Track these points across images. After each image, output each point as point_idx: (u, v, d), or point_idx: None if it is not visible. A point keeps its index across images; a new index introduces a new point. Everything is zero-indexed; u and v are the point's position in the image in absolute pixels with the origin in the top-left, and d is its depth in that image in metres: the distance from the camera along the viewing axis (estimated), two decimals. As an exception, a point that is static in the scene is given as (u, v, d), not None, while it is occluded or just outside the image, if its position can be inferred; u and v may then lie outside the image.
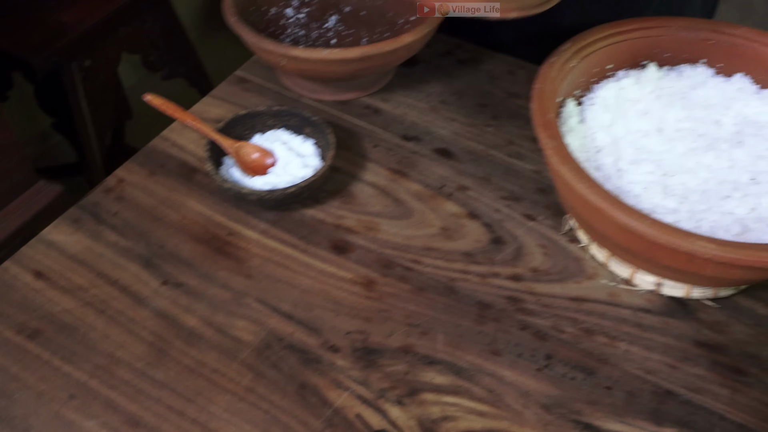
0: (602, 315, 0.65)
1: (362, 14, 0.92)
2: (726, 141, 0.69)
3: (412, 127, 0.83)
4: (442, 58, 0.92)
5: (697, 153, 0.68)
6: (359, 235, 0.71)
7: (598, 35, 0.71)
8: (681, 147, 0.69)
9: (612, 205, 0.55)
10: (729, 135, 0.70)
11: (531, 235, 0.71)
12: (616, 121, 0.72)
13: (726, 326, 0.64)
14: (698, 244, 0.53)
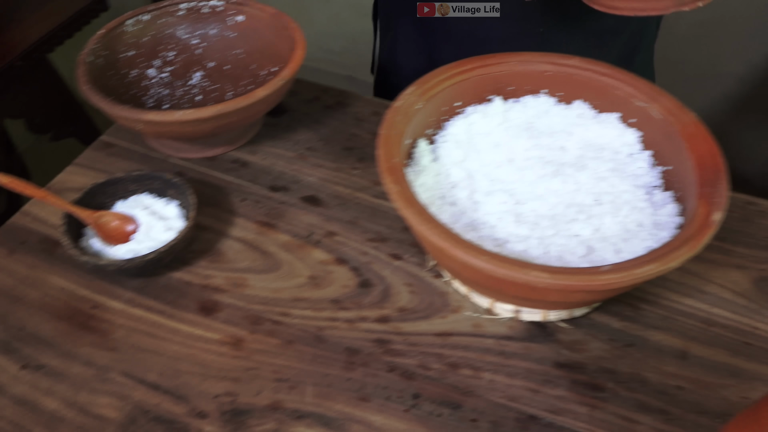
0: (467, 347, 0.66)
1: (226, 68, 0.93)
2: (571, 165, 0.72)
3: (280, 177, 0.83)
4: (309, 104, 0.94)
5: (545, 179, 0.71)
6: (227, 293, 0.71)
7: (441, 76, 0.74)
8: (531, 175, 0.72)
9: (452, 244, 0.57)
10: (573, 159, 0.73)
11: (398, 275, 0.73)
12: (469, 155, 0.75)
13: (583, 344, 0.67)
14: (533, 274, 0.55)
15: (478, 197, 0.71)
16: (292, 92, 0.95)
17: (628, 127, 0.74)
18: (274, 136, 0.89)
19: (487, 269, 0.56)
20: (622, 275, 0.54)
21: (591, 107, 0.77)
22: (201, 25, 0.92)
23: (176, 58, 0.92)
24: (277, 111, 0.91)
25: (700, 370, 0.65)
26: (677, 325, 0.68)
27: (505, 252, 0.65)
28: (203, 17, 0.92)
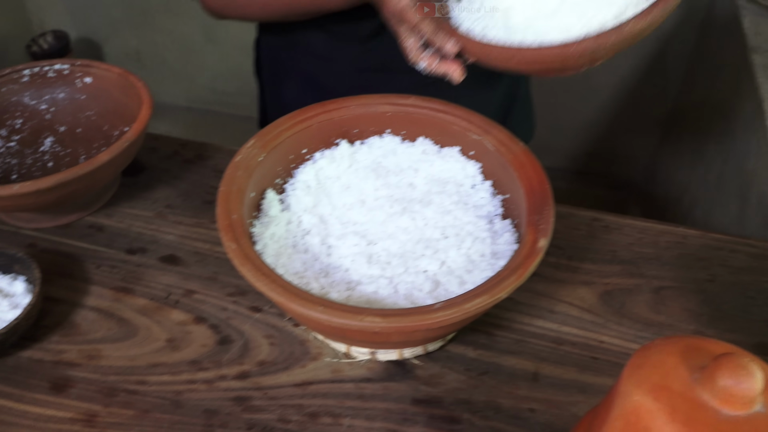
0: (326, 395, 0.67)
1: (78, 132, 0.91)
2: (419, 202, 0.74)
3: (138, 238, 0.82)
4: (168, 160, 0.93)
5: (395, 218, 0.72)
6: (81, 367, 0.69)
7: (282, 126, 0.75)
8: (381, 215, 0.73)
9: (288, 298, 0.57)
10: (421, 195, 0.75)
11: (258, 328, 0.73)
12: (320, 201, 0.75)
13: (440, 378, 0.68)
14: (367, 320, 0.56)
15: (331, 241, 0.71)
16: (150, 149, 0.94)
17: (469, 159, 0.77)
18: (131, 196, 0.87)
19: (323, 319, 0.56)
20: (452, 311, 0.56)
21: (434, 143, 0.79)
22: (48, 90, 0.90)
23: (24, 126, 0.90)
24: (134, 170, 0.90)
25: (551, 390, 0.67)
26: (529, 347, 0.71)
27: (356, 295, 0.66)
28: (50, 81, 0.90)
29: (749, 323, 0.73)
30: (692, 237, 0.82)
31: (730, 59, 1.49)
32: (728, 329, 0.72)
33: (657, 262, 0.79)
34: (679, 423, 0.38)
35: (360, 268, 0.68)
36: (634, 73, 2.02)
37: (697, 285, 0.77)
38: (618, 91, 2.08)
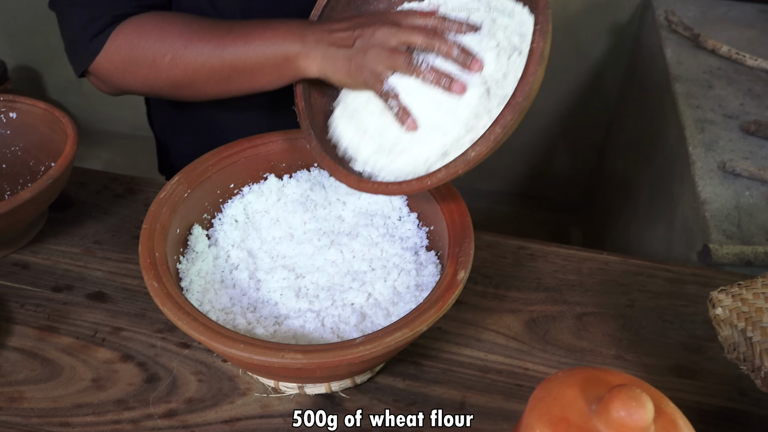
0: (255, 430, 0.67)
1: (4, 168, 0.90)
2: (347, 234, 0.75)
3: (64, 275, 0.81)
4: (97, 195, 0.92)
5: (323, 251, 0.73)
6: (2, 410, 0.68)
7: (208, 162, 0.75)
8: (310, 248, 0.74)
9: (209, 337, 0.57)
10: (349, 228, 0.76)
11: (186, 365, 0.72)
12: (249, 235, 0.76)
13: (369, 410, 0.69)
14: (288, 356, 0.56)
15: (260, 275, 0.72)
16: (79, 183, 0.94)
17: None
18: (58, 233, 0.86)
19: (245, 357, 0.57)
20: (373, 346, 0.57)
21: (361, 176, 0.80)
22: (-29, 126, 0.89)
23: (-54, 162, 0.88)
24: (61, 205, 0.89)
25: (477, 419, 0.68)
26: (456, 377, 0.72)
27: (283, 329, 0.67)
28: (-28, 117, 0.88)
29: (666, 347, 0.76)
30: (613, 263, 0.85)
31: (655, 87, 1.55)
32: (646, 353, 0.75)
33: (580, 288, 0.82)
34: (577, 454, 0.40)
35: (288, 302, 0.69)
36: (571, 97, 2.08)
37: (618, 310, 0.79)
38: (556, 114, 2.14)
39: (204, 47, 0.75)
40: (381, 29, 0.67)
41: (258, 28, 0.74)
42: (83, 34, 0.79)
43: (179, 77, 0.78)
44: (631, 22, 1.86)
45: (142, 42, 0.77)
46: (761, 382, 0.57)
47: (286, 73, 0.74)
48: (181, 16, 0.80)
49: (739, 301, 0.60)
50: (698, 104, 1.36)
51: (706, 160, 1.22)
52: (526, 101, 0.57)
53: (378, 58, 0.67)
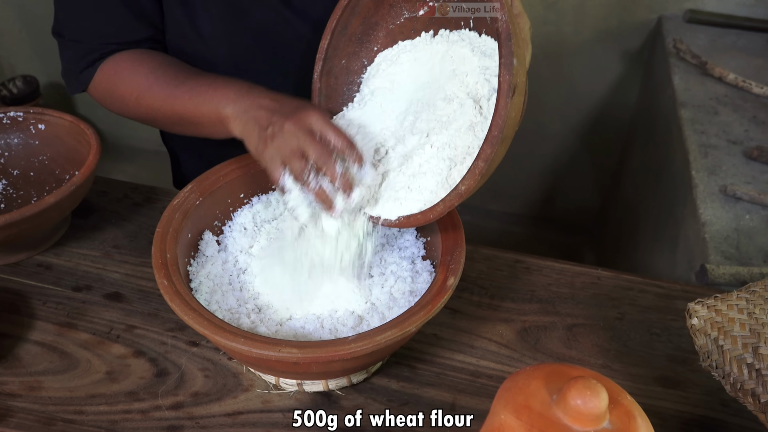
0: (255, 424, 0.71)
1: (31, 175, 0.96)
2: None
3: (84, 276, 0.86)
4: (118, 203, 0.98)
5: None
6: (21, 398, 0.72)
7: (221, 172, 0.80)
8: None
9: (213, 331, 0.62)
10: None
11: (194, 361, 0.77)
12: (256, 241, 0.81)
13: (363, 408, 0.72)
14: (284, 350, 0.60)
15: (266, 279, 0.76)
16: (101, 192, 0.99)
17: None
18: (80, 237, 0.92)
19: (245, 350, 0.61)
20: (364, 343, 0.61)
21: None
22: (3, 135, 0.95)
23: (-21, 170, 0.94)
24: (84, 211, 0.95)
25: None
26: (448, 380, 0.76)
27: (284, 329, 0.71)
28: (5, 128, 0.95)
29: (653, 358, 0.79)
30: (606, 278, 0.88)
31: (663, 113, 1.58)
32: (633, 363, 0.78)
33: (572, 301, 0.85)
34: (537, 438, 0.43)
35: (291, 306, 0.73)
36: (584, 122, 2.12)
37: (607, 322, 0.82)
38: (569, 140, 2.17)
39: (160, 93, 0.83)
40: (291, 127, 0.69)
41: (204, 84, 0.80)
42: (76, 66, 0.88)
43: (143, 115, 0.87)
44: (642, 49, 1.90)
45: (117, 79, 0.86)
46: (730, 387, 0.60)
47: (219, 130, 0.79)
48: (155, 59, 0.87)
49: (713, 311, 0.64)
50: (703, 130, 1.39)
51: (709, 183, 1.25)
52: (501, 133, 0.60)
53: (279, 151, 0.70)
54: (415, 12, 0.77)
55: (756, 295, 0.64)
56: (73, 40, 0.87)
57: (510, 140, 0.63)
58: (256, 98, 0.76)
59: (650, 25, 1.86)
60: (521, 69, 0.60)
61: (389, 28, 0.79)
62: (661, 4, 1.82)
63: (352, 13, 0.77)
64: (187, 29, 0.88)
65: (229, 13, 0.87)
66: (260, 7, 0.88)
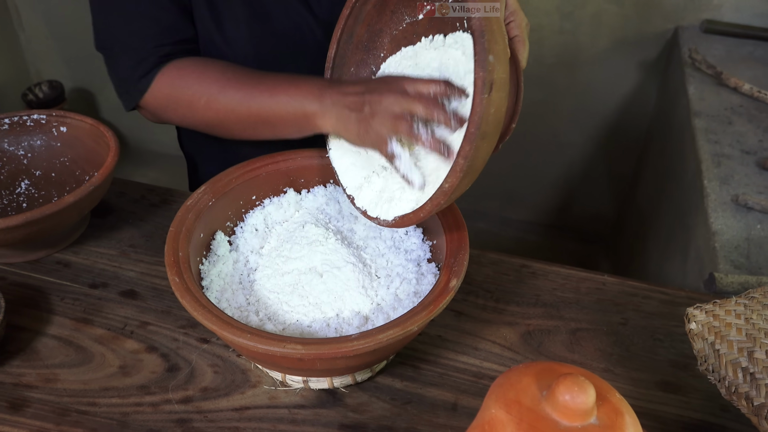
0: (261, 419, 0.73)
1: (53, 176, 0.99)
2: (357, 245, 0.81)
3: (101, 274, 0.89)
4: (135, 203, 1.01)
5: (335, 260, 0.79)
6: (38, 389, 0.75)
7: (233, 175, 0.82)
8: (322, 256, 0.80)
9: (220, 327, 0.64)
10: (359, 239, 0.82)
11: (204, 357, 0.79)
12: (267, 242, 0.83)
13: (367, 406, 0.74)
14: (289, 347, 0.62)
15: (275, 279, 0.78)
16: (119, 193, 1.02)
17: (404, 208, 0.84)
18: (98, 236, 0.95)
19: (251, 345, 0.63)
20: (366, 341, 0.63)
21: (372, 192, 0.86)
22: (26, 137, 0.98)
23: (2, 169, 0.97)
24: (102, 211, 0.98)
25: (468, 420, 0.72)
26: (451, 380, 0.77)
27: (291, 328, 0.73)
28: (28, 129, 0.98)
29: (655, 363, 0.79)
30: (611, 284, 0.89)
31: (678, 123, 1.59)
32: (635, 368, 0.79)
33: (576, 305, 0.86)
34: None
35: (298, 305, 0.75)
36: (601, 131, 2.12)
37: (611, 327, 0.83)
38: (585, 148, 2.18)
39: (235, 94, 0.83)
40: (388, 97, 0.71)
41: (283, 83, 0.81)
42: (132, 74, 0.88)
43: (212, 119, 0.87)
44: (659, 59, 1.90)
45: (183, 84, 0.86)
46: (725, 391, 0.61)
47: (305, 128, 0.80)
48: (219, 63, 0.88)
49: (711, 316, 0.65)
50: (717, 139, 1.39)
51: (721, 193, 1.25)
52: (479, 130, 0.61)
53: (383, 124, 0.72)
54: (416, 16, 0.79)
55: (755, 301, 0.65)
56: (124, 50, 0.88)
57: (494, 136, 0.64)
58: (339, 89, 0.77)
59: (667, 35, 1.87)
60: (499, 65, 0.61)
61: (393, 34, 0.81)
62: (679, 14, 1.82)
63: (356, 21, 0.79)
64: (213, 31, 0.90)
65: (253, 16, 0.89)
66: (283, 12, 0.90)
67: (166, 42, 0.88)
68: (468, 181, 0.65)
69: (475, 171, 0.65)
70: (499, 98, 0.62)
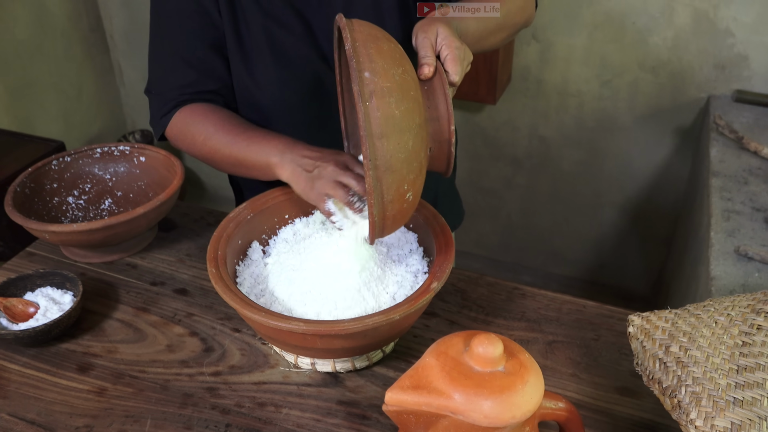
0: (275, 392, 0.88)
1: (131, 196, 1.20)
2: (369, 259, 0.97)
3: (161, 275, 1.08)
4: (195, 222, 1.20)
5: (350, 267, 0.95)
6: (102, 357, 0.94)
7: (269, 196, 1.01)
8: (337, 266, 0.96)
9: (242, 306, 0.81)
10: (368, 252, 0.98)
11: (235, 343, 0.96)
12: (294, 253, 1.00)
13: (363, 388, 0.89)
14: (293, 323, 0.78)
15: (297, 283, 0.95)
16: (183, 213, 1.22)
17: (409, 231, 1.00)
18: (162, 246, 1.14)
19: (263, 321, 0.79)
20: (354, 323, 0.78)
21: (384, 216, 1.03)
22: (112, 164, 1.20)
23: (91, 189, 1.19)
24: (168, 227, 1.18)
25: (445, 404, 0.86)
26: (436, 374, 0.91)
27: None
28: (114, 158, 1.20)
29: (618, 372, 0.91)
30: (591, 307, 1.01)
31: (701, 183, 1.69)
32: (599, 375, 0.90)
33: (556, 322, 0.99)
34: (446, 374, 0.59)
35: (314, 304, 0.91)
36: (640, 192, 2.22)
37: (583, 341, 0.95)
38: (625, 209, 2.28)
39: (222, 138, 1.04)
40: (333, 167, 0.90)
41: (259, 135, 1.01)
42: (158, 113, 1.11)
43: (206, 154, 1.08)
44: (693, 126, 2.01)
45: (190, 123, 1.08)
46: (646, 379, 0.73)
47: (268, 174, 0.99)
48: (221, 112, 1.08)
49: (645, 321, 0.77)
50: (730, 197, 1.49)
51: (725, 244, 1.35)
52: (369, 131, 0.72)
53: (325, 186, 0.90)
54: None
55: (686, 311, 0.77)
56: (157, 94, 1.11)
57: (399, 135, 0.73)
58: (300, 150, 0.96)
59: (701, 104, 1.98)
60: (379, 77, 0.73)
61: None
62: (711, 84, 1.94)
63: (349, 93, 0.97)
64: (245, 77, 1.11)
65: (278, 63, 1.08)
66: (302, 59, 1.09)
67: (186, 92, 1.09)
68: (392, 180, 0.75)
69: (394, 170, 0.74)
70: (386, 103, 0.73)
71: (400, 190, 0.76)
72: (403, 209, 0.79)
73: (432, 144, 0.81)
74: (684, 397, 0.67)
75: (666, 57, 1.95)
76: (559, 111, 2.16)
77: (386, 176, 0.74)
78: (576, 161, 2.26)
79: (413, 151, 0.75)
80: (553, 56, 2.06)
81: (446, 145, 0.81)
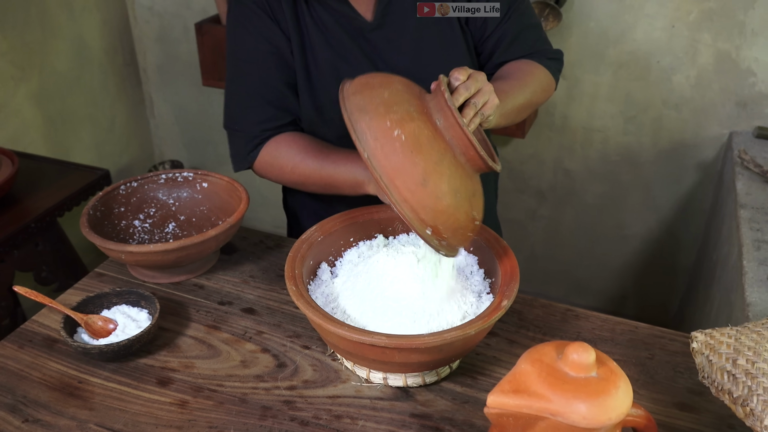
0: (349, 405, 0.93)
1: (194, 220, 1.26)
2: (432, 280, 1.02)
3: (227, 295, 1.13)
4: (255, 246, 1.25)
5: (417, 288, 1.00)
6: (179, 372, 0.98)
7: (336, 220, 1.06)
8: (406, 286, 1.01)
9: (323, 320, 0.85)
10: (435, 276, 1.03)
11: (306, 359, 1.00)
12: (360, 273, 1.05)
13: (433, 402, 0.93)
14: (375, 337, 0.83)
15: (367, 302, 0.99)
16: (243, 237, 1.28)
17: (469, 254, 1.05)
18: (226, 268, 1.19)
19: (345, 335, 0.84)
20: (433, 338, 0.83)
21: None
22: (176, 190, 1.26)
23: (156, 213, 1.25)
24: (230, 250, 1.23)
25: (513, 418, 0.90)
26: (501, 389, 0.95)
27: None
28: (178, 184, 1.26)
29: (673, 389, 0.95)
30: (643, 328, 1.06)
31: (728, 215, 1.74)
32: (656, 391, 0.95)
33: (611, 342, 1.03)
34: (543, 379, 0.64)
35: (384, 323, 0.96)
36: (662, 225, 2.28)
37: (639, 360, 1.00)
38: (648, 241, 2.33)
39: (310, 164, 1.12)
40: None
41: (342, 157, 1.09)
42: (244, 149, 1.18)
43: (296, 180, 1.15)
44: (715, 161, 2.08)
45: (277, 154, 1.15)
46: (714, 390, 0.77)
47: (357, 190, 1.07)
48: (303, 139, 1.16)
49: (709, 337, 0.82)
50: (759, 228, 1.54)
51: (758, 272, 1.40)
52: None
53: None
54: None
55: (746, 328, 0.82)
56: (240, 131, 1.18)
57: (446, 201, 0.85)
58: None
59: (722, 139, 2.05)
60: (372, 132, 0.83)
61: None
62: (733, 120, 2.01)
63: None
64: (312, 114, 1.17)
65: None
66: None
67: (268, 128, 1.16)
68: (448, 221, 0.86)
69: (448, 214, 0.85)
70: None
71: (459, 222, 0.87)
72: (468, 221, 0.88)
73: (461, 158, 0.87)
74: (756, 406, 0.72)
75: (689, 94, 2.02)
76: (584, 145, 2.22)
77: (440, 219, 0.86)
78: (599, 194, 2.32)
79: (452, 189, 0.85)
80: (579, 93, 2.14)
81: (471, 151, 0.86)
